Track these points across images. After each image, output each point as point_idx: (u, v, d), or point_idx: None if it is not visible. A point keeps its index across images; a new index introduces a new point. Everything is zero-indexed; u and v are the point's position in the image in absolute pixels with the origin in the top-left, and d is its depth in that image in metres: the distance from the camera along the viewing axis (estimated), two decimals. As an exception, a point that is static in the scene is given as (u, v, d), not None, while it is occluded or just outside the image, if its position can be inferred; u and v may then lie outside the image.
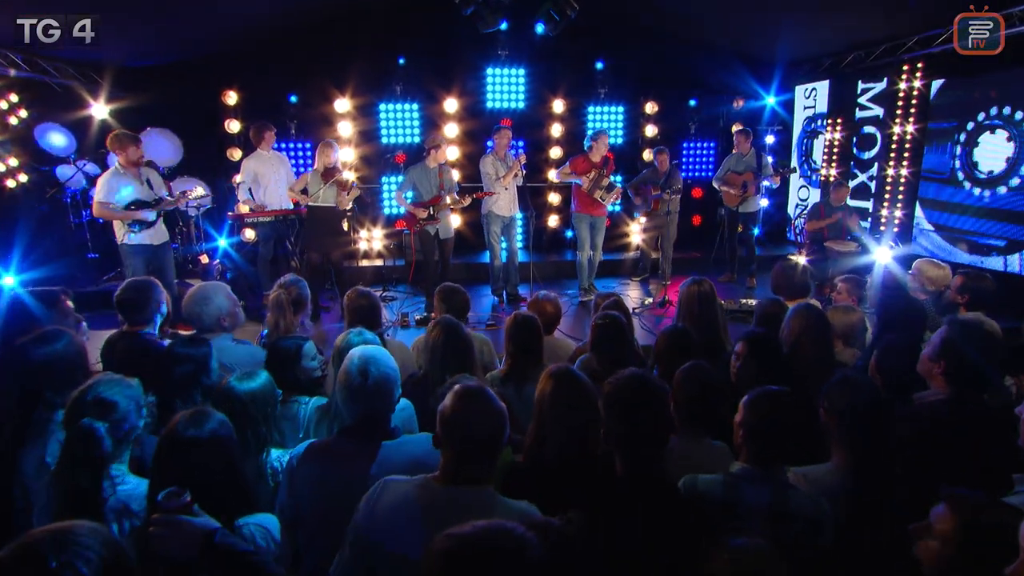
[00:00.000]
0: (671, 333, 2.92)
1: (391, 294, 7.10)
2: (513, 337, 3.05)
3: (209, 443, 1.65)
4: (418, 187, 6.22)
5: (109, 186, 4.94)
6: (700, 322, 3.21)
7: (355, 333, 2.58)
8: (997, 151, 6.34)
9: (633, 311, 6.36)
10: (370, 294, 3.38)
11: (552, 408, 2.01)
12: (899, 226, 7.53)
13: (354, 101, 8.18)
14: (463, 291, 3.68)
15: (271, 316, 3.27)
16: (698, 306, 3.26)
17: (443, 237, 6.35)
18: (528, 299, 6.46)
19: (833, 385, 1.99)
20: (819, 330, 2.82)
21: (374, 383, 2.00)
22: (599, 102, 8.77)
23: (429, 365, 2.82)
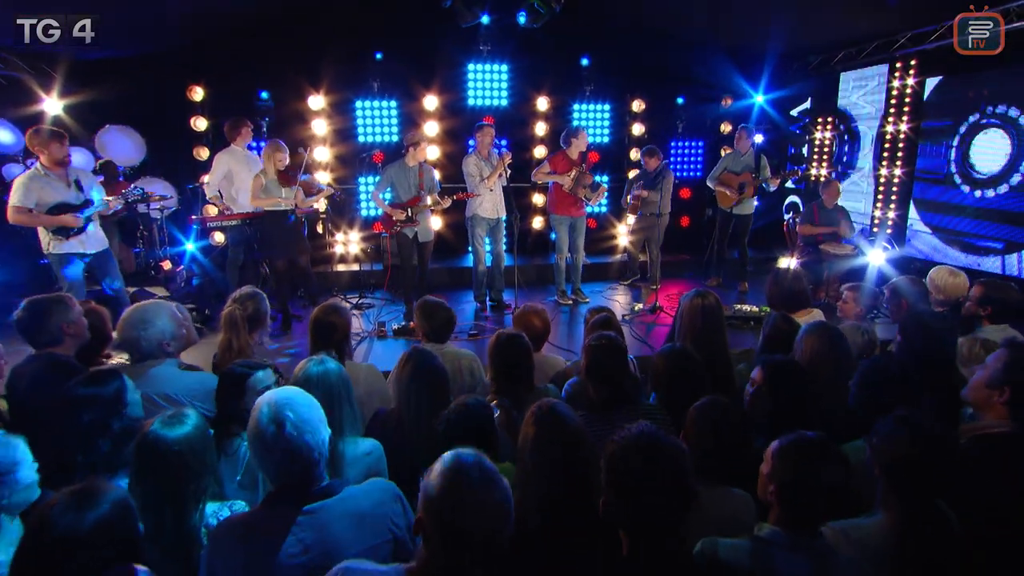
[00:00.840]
0: (671, 354, 2.62)
1: (368, 301, 6.74)
2: (497, 359, 2.74)
3: (91, 538, 1.29)
4: (396, 187, 5.88)
5: (26, 189, 4.39)
6: (704, 340, 2.92)
7: (315, 363, 2.23)
8: (994, 150, 6.17)
9: (623, 318, 6.11)
10: (338, 310, 3.03)
11: (535, 457, 1.70)
12: (892, 227, 7.34)
13: (329, 98, 7.79)
14: (447, 308, 3.35)
15: (223, 335, 2.91)
16: (702, 322, 2.97)
17: (421, 240, 6.01)
18: (512, 306, 6.21)
19: (888, 427, 1.68)
20: (838, 353, 2.55)
21: (292, 434, 1.64)
22: (584, 99, 8.48)
23: (401, 403, 2.50)
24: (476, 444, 1.89)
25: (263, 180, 5.44)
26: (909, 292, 3.57)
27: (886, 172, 7.37)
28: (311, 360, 2.23)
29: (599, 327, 3.04)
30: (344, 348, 2.95)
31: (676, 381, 2.57)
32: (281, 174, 5.45)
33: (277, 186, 5.45)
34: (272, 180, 5.44)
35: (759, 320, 5.78)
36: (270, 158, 5.42)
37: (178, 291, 6.25)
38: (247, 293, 3.07)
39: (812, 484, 1.50)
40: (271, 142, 5.51)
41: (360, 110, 7.92)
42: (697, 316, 2.97)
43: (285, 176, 5.46)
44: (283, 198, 5.41)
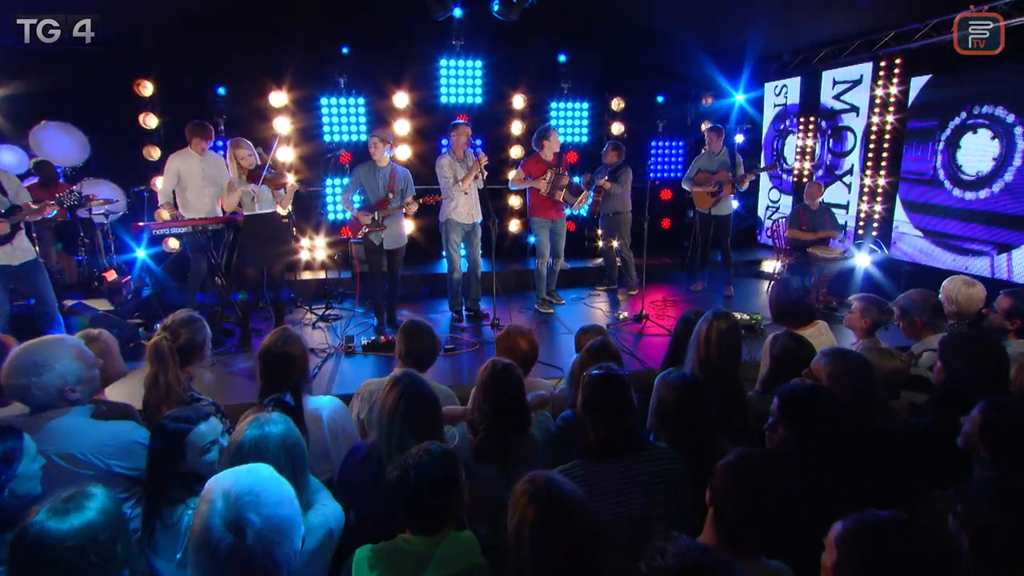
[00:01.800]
0: (682, 386, 2.28)
1: (335, 312, 6.29)
2: (490, 393, 2.37)
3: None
4: (365, 189, 5.47)
5: None
6: (717, 369, 2.60)
7: (255, 426, 1.76)
8: (982, 152, 6.02)
9: (606, 327, 5.79)
10: (292, 338, 2.58)
11: (536, 546, 1.37)
12: (878, 229, 7.18)
13: (292, 94, 7.31)
14: (433, 335, 2.97)
15: (149, 369, 2.46)
16: (719, 350, 2.64)
17: (389, 247, 5.59)
18: (491, 317, 5.83)
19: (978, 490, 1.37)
20: (865, 384, 2.26)
21: (256, 548, 1.22)
22: (562, 97, 8.16)
23: (384, 436, 2.13)
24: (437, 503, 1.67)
25: (236, 183, 4.99)
26: (923, 308, 3.30)
27: (871, 172, 7.21)
28: (251, 421, 1.80)
29: (595, 356, 2.69)
30: (302, 386, 2.54)
31: (686, 416, 2.25)
32: (250, 174, 5.01)
33: (245, 186, 5.00)
34: (241, 181, 4.99)
35: (751, 329, 5.54)
36: (232, 159, 4.98)
37: (125, 304, 5.72)
38: (180, 319, 2.63)
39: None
40: (233, 141, 5.05)
41: (326, 107, 7.46)
42: (714, 342, 2.64)
43: (254, 177, 5.01)
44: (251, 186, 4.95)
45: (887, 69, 6.91)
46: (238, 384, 4.43)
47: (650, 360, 4.91)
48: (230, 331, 5.54)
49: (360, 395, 2.92)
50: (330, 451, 2.50)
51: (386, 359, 5.01)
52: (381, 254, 5.58)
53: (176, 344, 2.48)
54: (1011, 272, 5.84)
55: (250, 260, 5.13)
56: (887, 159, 7.03)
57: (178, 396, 2.41)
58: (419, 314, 6.43)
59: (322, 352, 5.13)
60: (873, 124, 7.11)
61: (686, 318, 3.20)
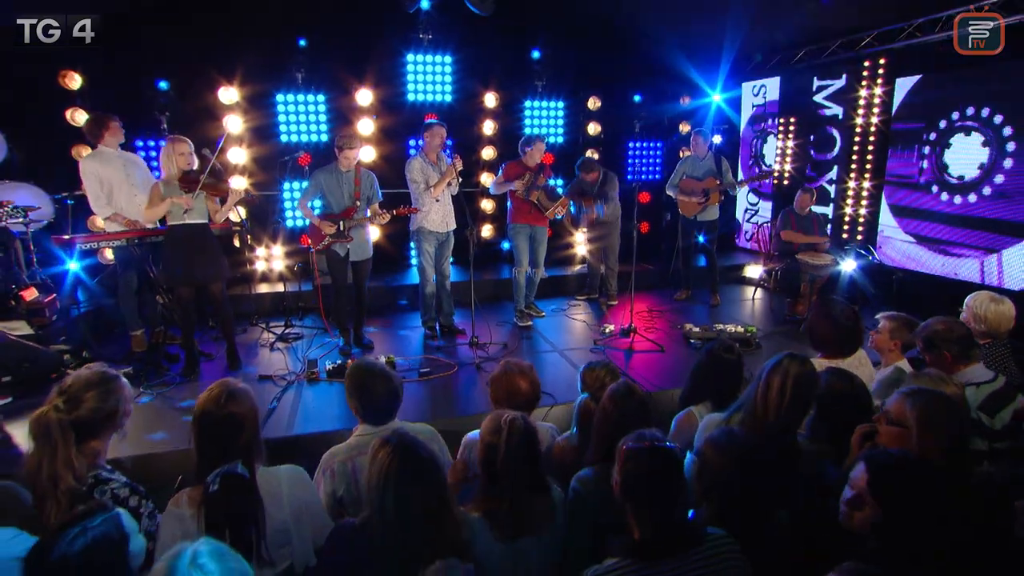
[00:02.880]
0: (735, 453, 1.84)
1: (295, 331, 5.71)
2: (509, 456, 1.97)
3: None
4: (327, 195, 4.92)
5: None
6: (781, 429, 2.16)
7: (186, 561, 1.24)
8: (970, 154, 5.86)
9: (594, 343, 5.39)
10: (238, 395, 2.02)
11: None
12: (863, 233, 7.00)
13: (244, 90, 6.68)
14: (386, 375, 2.45)
15: (32, 454, 1.88)
16: (789, 408, 2.17)
17: (355, 259, 5.06)
18: (469, 335, 5.33)
19: None
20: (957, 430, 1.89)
21: None
22: (536, 96, 7.73)
23: (377, 512, 1.68)
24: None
25: (160, 188, 4.36)
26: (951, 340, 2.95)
27: (855, 175, 7.01)
28: (180, 554, 1.25)
29: (620, 404, 2.23)
30: (254, 452, 2.02)
31: (740, 488, 1.83)
32: (185, 177, 4.39)
33: (179, 192, 4.39)
34: (174, 185, 4.37)
35: (746, 343, 5.21)
36: (170, 156, 4.37)
37: (50, 327, 5.01)
38: (85, 380, 2.03)
39: None
40: (169, 138, 4.44)
41: (282, 105, 6.85)
42: (787, 398, 2.16)
43: (189, 179, 4.40)
44: (185, 197, 4.34)
45: (871, 70, 6.72)
46: (181, 425, 3.82)
47: (646, 381, 4.51)
48: (174, 356, 4.93)
49: (328, 469, 2.40)
50: (291, 533, 2.00)
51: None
52: (346, 266, 5.05)
53: (74, 415, 1.92)
54: (1001, 277, 5.70)
55: (178, 278, 4.52)
56: (872, 162, 6.85)
57: (70, 488, 1.84)
58: (389, 330, 5.92)
59: (281, 380, 4.57)
60: (857, 126, 6.92)
61: (714, 352, 2.80)
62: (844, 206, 7.14)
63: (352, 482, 2.36)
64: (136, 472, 3.35)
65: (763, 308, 6.66)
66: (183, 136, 4.49)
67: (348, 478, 2.37)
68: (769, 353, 5.02)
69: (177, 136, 4.47)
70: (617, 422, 2.21)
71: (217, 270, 4.61)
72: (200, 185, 4.37)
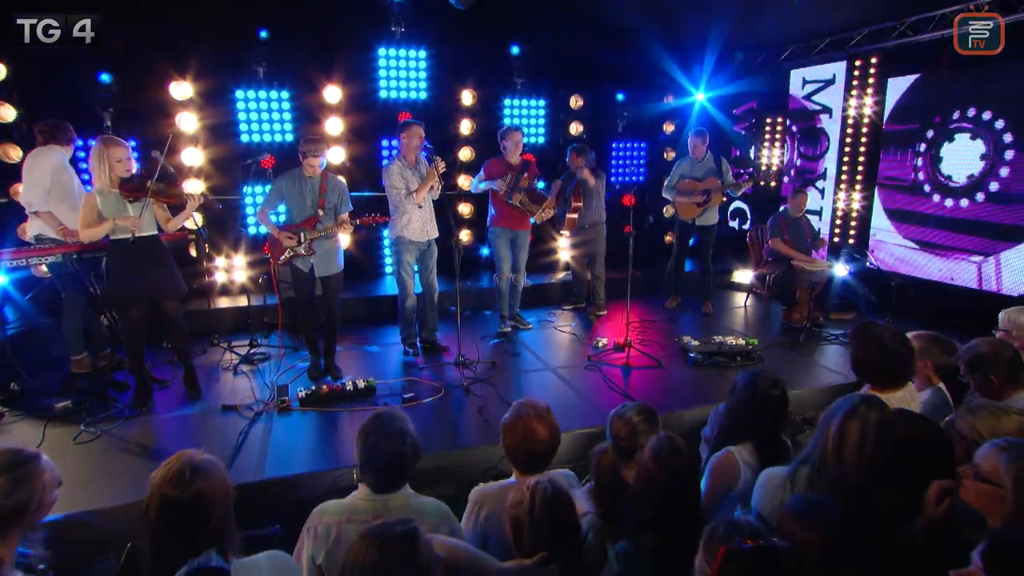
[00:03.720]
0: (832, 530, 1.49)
1: (262, 351, 5.19)
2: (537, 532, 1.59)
3: None
4: (288, 203, 4.43)
5: None
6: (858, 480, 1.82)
7: None
8: (967, 156, 5.72)
9: (588, 360, 5.04)
10: (202, 471, 1.58)
11: None
12: (854, 237, 6.84)
13: (199, 85, 6.10)
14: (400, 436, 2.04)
15: None
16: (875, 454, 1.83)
17: (322, 275, 4.56)
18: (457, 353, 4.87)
19: None
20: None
21: None
22: (516, 94, 7.34)
23: None
24: None
25: (96, 200, 3.80)
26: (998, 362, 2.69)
27: (847, 177, 6.84)
28: None
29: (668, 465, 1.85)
30: (226, 537, 1.59)
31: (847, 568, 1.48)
32: (126, 184, 3.85)
33: (120, 202, 3.84)
34: (112, 195, 3.82)
35: (747, 356, 4.94)
36: (102, 161, 3.77)
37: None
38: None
39: None
40: (102, 140, 3.83)
41: (242, 102, 6.29)
42: (871, 443, 1.83)
43: (132, 187, 3.85)
44: (131, 217, 3.80)
45: (862, 69, 6.55)
46: (131, 470, 3.31)
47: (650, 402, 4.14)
48: (122, 384, 4.38)
49: (313, 528, 1.99)
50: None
51: (331, 417, 4.02)
52: (311, 280, 4.56)
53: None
54: (999, 282, 5.57)
55: (125, 297, 3.96)
56: (863, 163, 6.68)
57: None
58: (361, 347, 5.45)
59: (248, 410, 4.07)
60: (848, 126, 6.75)
61: (757, 387, 2.45)
62: (836, 209, 6.96)
63: (334, 551, 1.95)
64: (74, 535, 2.86)
65: (756, 315, 6.44)
66: (116, 137, 3.91)
67: (329, 545, 1.96)
68: (773, 366, 4.77)
69: (111, 138, 3.87)
70: (665, 489, 1.85)
71: (171, 286, 4.07)
72: (148, 192, 3.84)
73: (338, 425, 3.93)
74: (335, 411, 4.08)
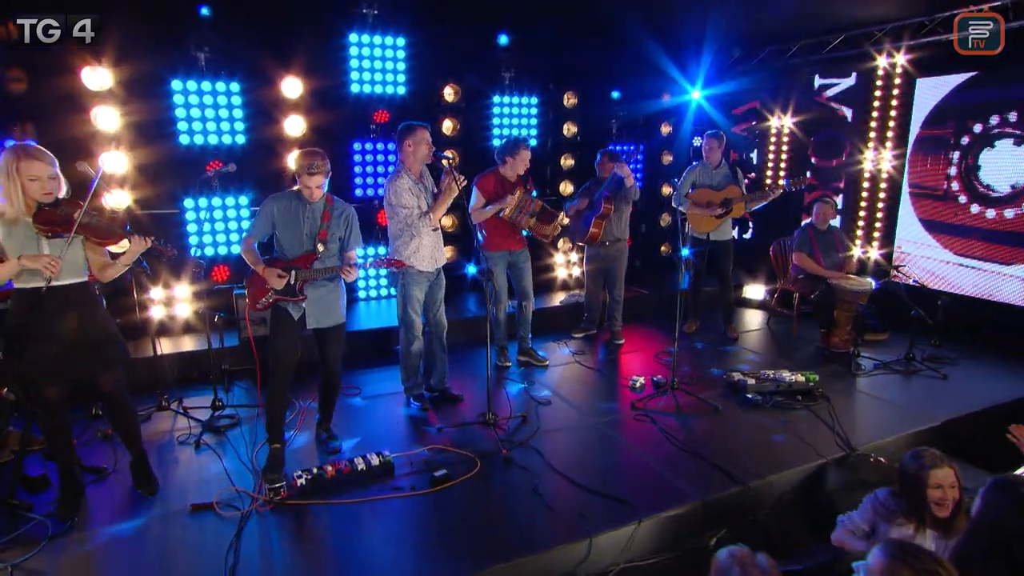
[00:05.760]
0: None
1: (228, 412, 4.07)
2: None
3: None
4: (280, 232, 3.36)
5: None
6: None
7: None
8: (1009, 164, 5.38)
9: (633, 407, 4.26)
10: None
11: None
12: (880, 251, 6.45)
13: (121, 72, 4.85)
14: None
15: None
16: None
17: (317, 326, 3.48)
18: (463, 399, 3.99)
19: None
20: None
21: None
22: (505, 90, 6.47)
23: None
24: None
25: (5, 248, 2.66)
26: None
27: (868, 186, 6.44)
28: None
29: None
30: None
31: None
32: (45, 213, 2.71)
33: (32, 236, 2.71)
34: (21, 226, 2.68)
35: (808, 395, 4.36)
36: (12, 180, 2.64)
37: None
38: None
39: None
40: (12, 150, 2.67)
41: (180, 95, 5.07)
42: None
43: (53, 217, 2.72)
44: (45, 257, 2.67)
45: (888, 68, 6.12)
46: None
47: (735, 467, 3.43)
48: (38, 480, 3.20)
49: None
50: None
51: (347, 513, 3.03)
52: (297, 331, 3.44)
53: None
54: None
55: (40, 371, 2.83)
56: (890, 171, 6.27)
57: None
58: (349, 399, 4.42)
59: (229, 509, 3.02)
60: (871, 130, 6.33)
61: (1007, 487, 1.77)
62: (859, 222, 6.55)
63: None
64: None
65: (782, 339, 5.89)
66: (36, 147, 2.74)
67: None
68: (840, 406, 4.19)
69: (28, 148, 2.70)
70: None
71: (106, 356, 2.96)
72: (75, 227, 2.71)
73: (361, 526, 2.95)
74: (348, 502, 3.10)
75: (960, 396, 4.44)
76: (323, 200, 3.36)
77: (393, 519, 3.02)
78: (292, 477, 3.20)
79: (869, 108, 6.29)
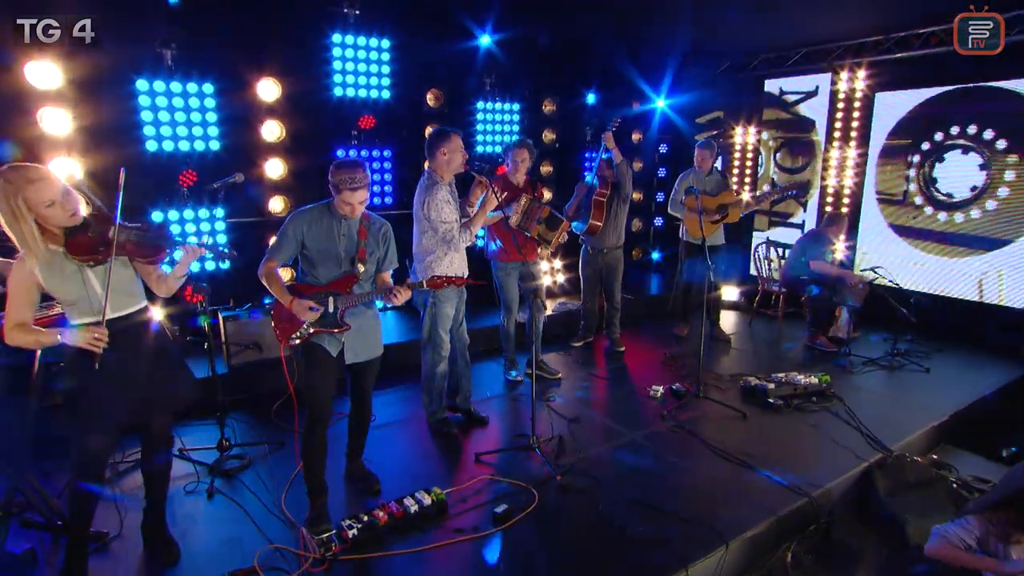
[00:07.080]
0: None
1: (235, 452, 3.63)
2: None
3: None
4: (312, 252, 2.98)
5: None
6: None
7: None
8: (963, 171, 5.84)
9: (662, 418, 4.21)
10: None
11: None
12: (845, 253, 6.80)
13: (74, 68, 4.25)
14: None
15: None
16: None
17: (355, 360, 3.09)
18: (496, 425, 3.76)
19: None
20: None
21: None
22: (488, 96, 6.28)
23: None
24: None
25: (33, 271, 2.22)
26: None
27: (832, 191, 6.78)
28: None
29: None
30: None
31: None
32: (77, 241, 2.27)
33: (74, 268, 2.29)
34: (59, 260, 2.27)
35: (823, 395, 4.51)
36: (22, 219, 2.15)
37: None
38: None
39: None
40: (8, 170, 2.17)
41: (147, 96, 4.51)
42: None
43: (86, 243, 2.28)
44: (92, 333, 2.24)
45: (849, 82, 6.49)
46: None
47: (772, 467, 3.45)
48: (24, 558, 2.69)
49: None
50: None
51: (410, 566, 2.76)
52: (337, 370, 3.05)
53: None
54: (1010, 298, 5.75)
55: (94, 425, 2.38)
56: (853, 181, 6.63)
57: None
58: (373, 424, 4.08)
59: (274, 573, 2.65)
60: (835, 140, 6.68)
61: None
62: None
63: None
64: None
65: (770, 338, 6.10)
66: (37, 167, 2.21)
67: None
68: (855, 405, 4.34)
69: (24, 169, 2.17)
70: None
71: (172, 394, 2.63)
72: (114, 246, 2.29)
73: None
74: (411, 552, 2.82)
75: (952, 389, 4.74)
76: (358, 216, 2.97)
77: (465, 564, 2.78)
78: (341, 527, 2.87)
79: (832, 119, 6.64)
